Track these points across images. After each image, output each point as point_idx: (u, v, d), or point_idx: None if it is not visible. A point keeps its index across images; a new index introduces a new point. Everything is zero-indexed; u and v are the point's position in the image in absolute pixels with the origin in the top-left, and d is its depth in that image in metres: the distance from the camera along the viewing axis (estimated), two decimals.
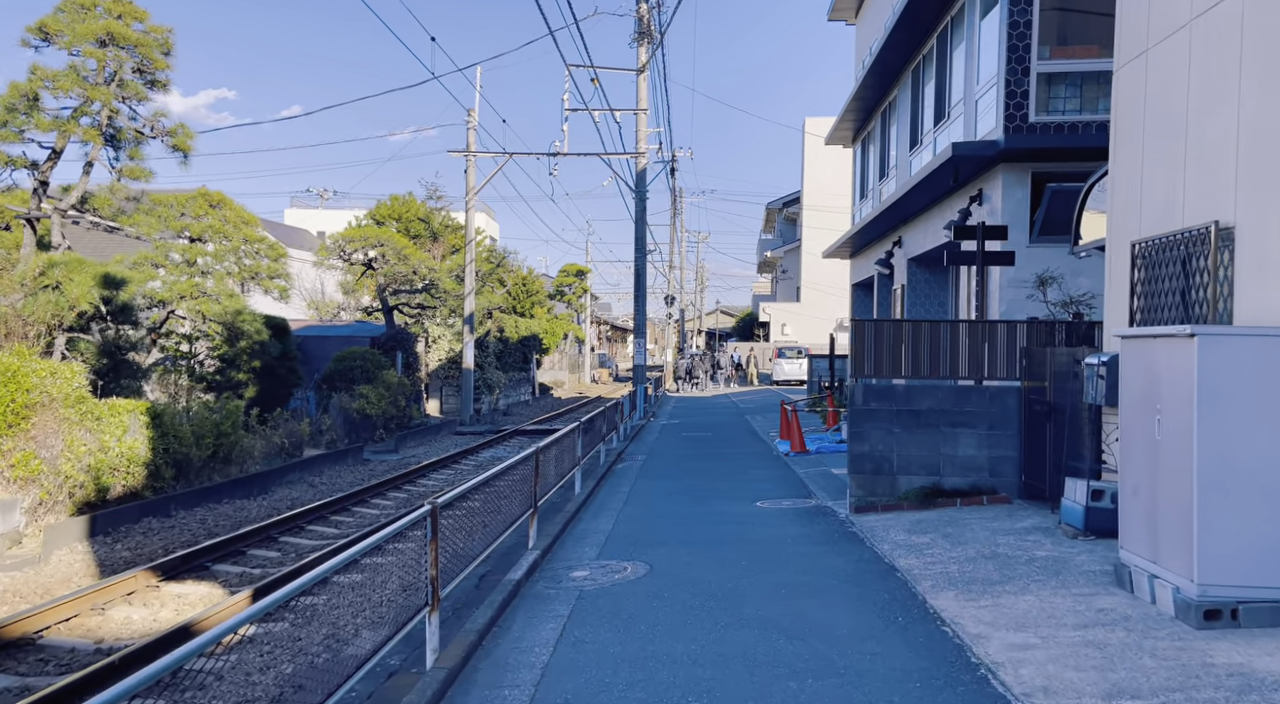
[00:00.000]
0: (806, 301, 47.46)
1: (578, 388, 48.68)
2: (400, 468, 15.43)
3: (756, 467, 13.50)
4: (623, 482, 12.26)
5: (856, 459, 9.27)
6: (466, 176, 24.62)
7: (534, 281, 37.81)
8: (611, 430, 15.95)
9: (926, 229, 15.53)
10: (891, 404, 9.20)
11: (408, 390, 21.17)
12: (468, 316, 24.44)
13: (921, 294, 16.92)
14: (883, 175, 19.53)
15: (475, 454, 17.66)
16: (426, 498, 12.28)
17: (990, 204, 11.90)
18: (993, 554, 6.85)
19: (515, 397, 32.88)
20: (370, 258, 23.35)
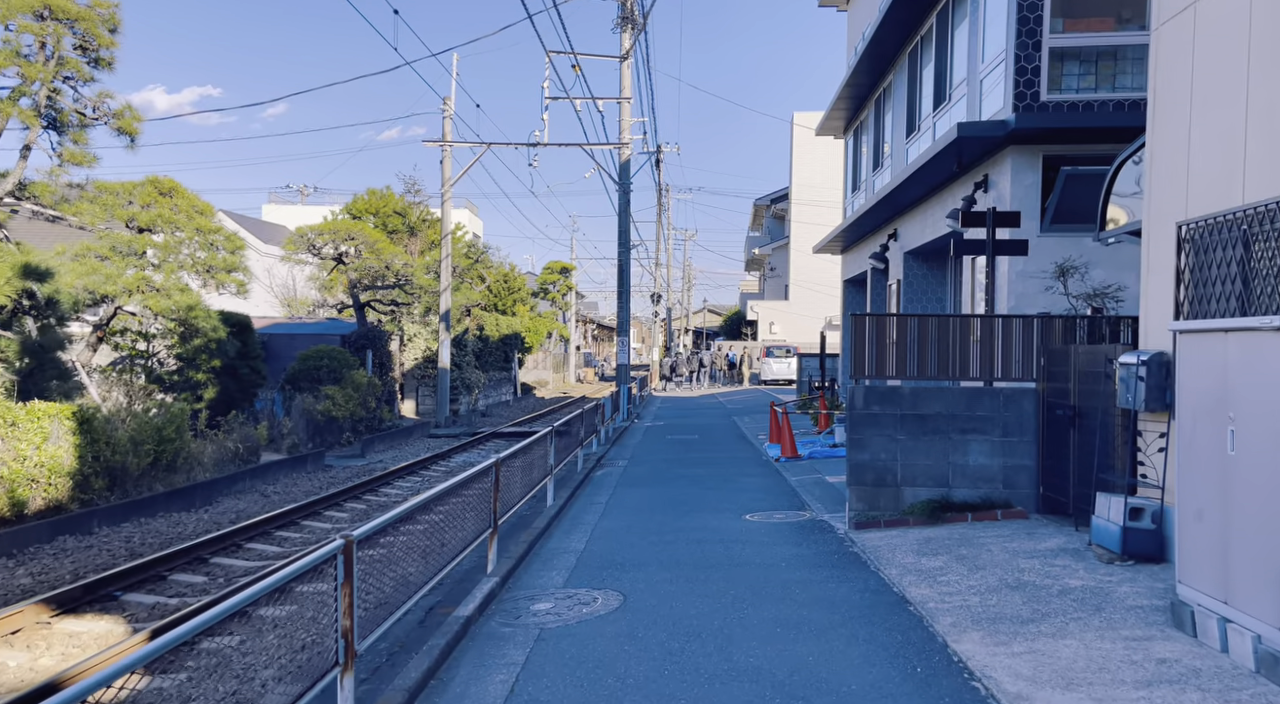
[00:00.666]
0: (795, 300, 46.62)
1: (562, 388, 47.67)
2: (363, 474, 14.43)
3: (745, 473, 12.58)
4: (600, 491, 11.32)
5: (856, 469, 8.35)
6: (442, 168, 23.60)
7: (516, 278, 36.77)
8: (591, 434, 15.01)
9: (925, 220, 14.66)
10: (895, 408, 8.29)
11: (378, 391, 20.14)
12: (443, 314, 23.41)
13: (918, 289, 16.05)
14: (876, 166, 18.67)
15: (447, 459, 16.67)
16: (385, 509, 11.34)
17: (997, 190, 11.02)
18: (1018, 583, 5.95)
19: (496, 397, 31.86)
20: (340, 252, 22.29)
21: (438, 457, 16.61)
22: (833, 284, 46.41)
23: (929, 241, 14.57)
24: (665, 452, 15.50)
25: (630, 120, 23.47)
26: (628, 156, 23.47)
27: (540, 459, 9.78)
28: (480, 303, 29.19)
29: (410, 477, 14.39)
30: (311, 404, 17.06)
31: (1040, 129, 10.10)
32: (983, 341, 8.28)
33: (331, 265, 23.26)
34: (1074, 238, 10.21)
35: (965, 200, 11.28)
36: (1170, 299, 6.03)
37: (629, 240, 23.72)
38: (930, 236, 14.32)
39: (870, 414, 8.33)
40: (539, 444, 9.67)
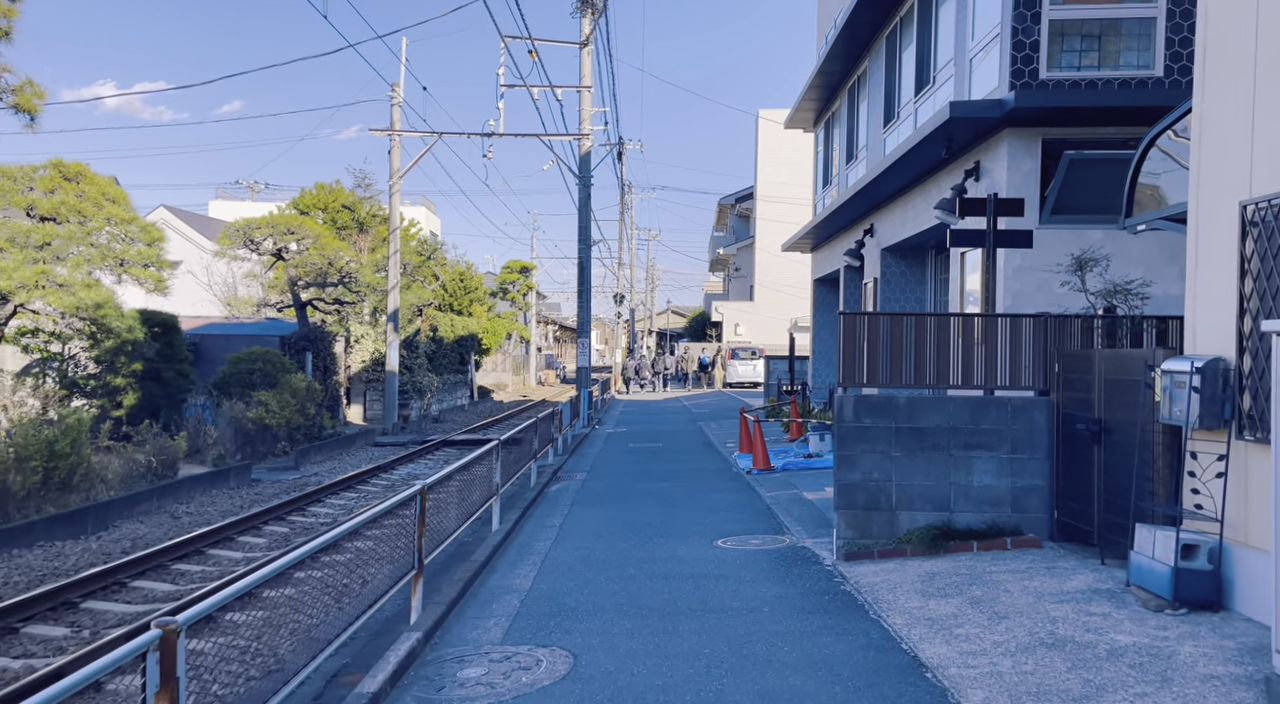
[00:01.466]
0: (760, 301, 45.79)
1: (522, 391, 46.30)
2: (294, 490, 13.06)
3: (715, 488, 11.47)
4: (555, 510, 10.13)
5: (845, 491, 7.28)
6: (390, 158, 22.21)
7: (472, 277, 35.35)
8: (546, 444, 13.81)
9: (905, 214, 13.70)
10: (890, 420, 7.23)
11: (319, 396, 18.72)
12: (391, 313, 22.02)
13: (896, 288, 15.11)
14: (850, 159, 17.72)
15: (390, 470, 15.34)
16: (309, 533, 10.02)
17: (990, 178, 10.05)
18: (1054, 638, 4.89)
19: (450, 401, 30.45)
20: (280, 247, 20.79)
21: (380, 468, 15.28)
22: (799, 285, 45.63)
23: (909, 237, 13.61)
24: (628, 463, 14.35)
25: (590, 110, 22.31)
26: (588, 148, 22.31)
27: (483, 478, 8.57)
28: (433, 302, 27.80)
29: (346, 492, 13.07)
30: (241, 411, 15.61)
31: (1041, 109, 9.13)
32: (987, 345, 7.26)
33: (271, 262, 21.74)
34: (1077, 230, 9.27)
35: (955, 189, 10.30)
36: (1229, 294, 5.03)
37: (590, 236, 22.56)
38: (911, 231, 13.36)
39: (861, 427, 7.26)
40: (481, 461, 8.47)
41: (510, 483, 10.33)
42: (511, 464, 10.25)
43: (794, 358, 22.17)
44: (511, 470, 10.26)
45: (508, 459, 9.79)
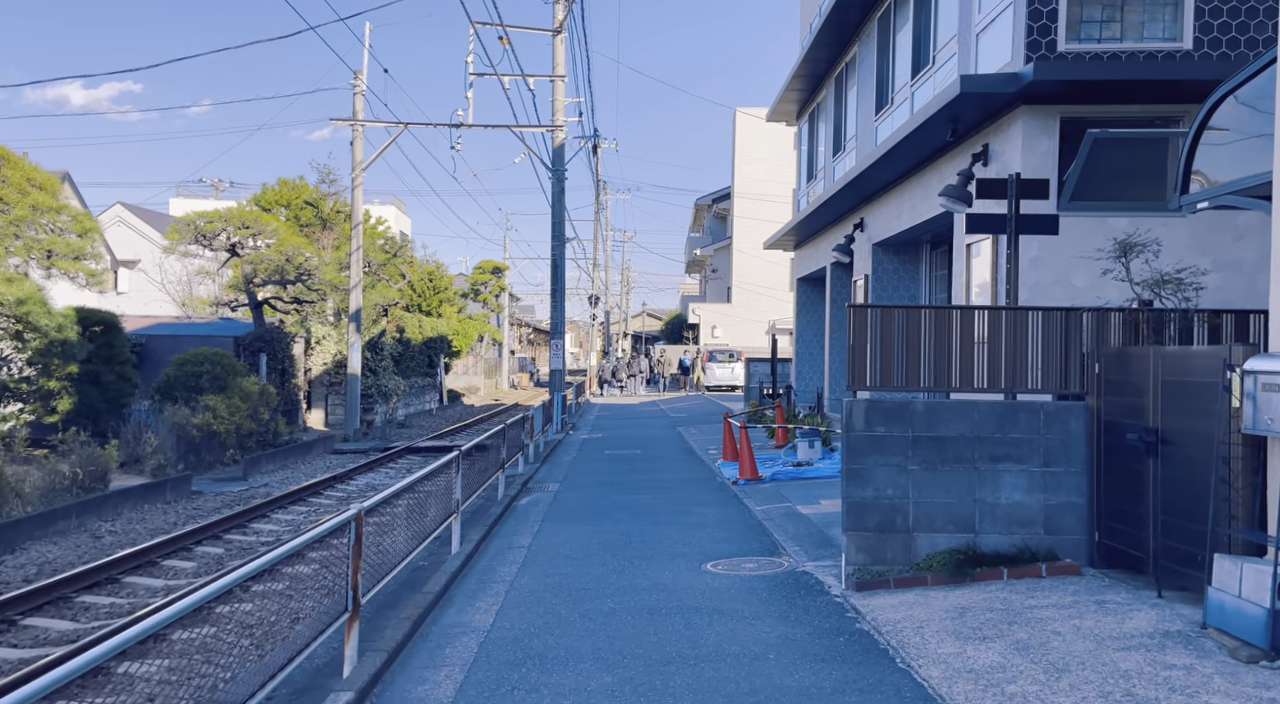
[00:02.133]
0: (738, 303, 45.00)
1: (494, 394, 45.12)
2: (238, 503, 11.93)
3: (700, 501, 10.52)
4: (524, 527, 9.12)
5: (856, 510, 6.34)
6: (353, 149, 21.06)
7: (442, 277, 34.16)
8: (516, 452, 12.78)
9: (899, 206, 12.86)
10: (906, 428, 6.32)
11: (273, 400, 17.53)
12: (353, 313, 20.86)
13: (889, 286, 14.26)
14: (837, 150, 16.89)
15: (347, 480, 14.23)
16: (247, 554, 8.87)
17: (1001, 162, 9.20)
18: (1131, 699, 3.98)
19: (418, 405, 29.25)
20: (234, 242, 19.55)
21: (337, 478, 14.16)
22: (777, 286, 44.90)
23: (905, 230, 12.77)
24: (604, 471, 13.35)
25: (564, 100, 21.32)
26: (562, 140, 21.31)
27: (441, 494, 7.55)
28: (399, 302, 26.62)
29: (296, 506, 11.95)
30: (185, 417, 14.41)
31: (1060, 84, 8.29)
32: (1015, 342, 6.37)
33: (225, 258, 20.49)
34: (1099, 217, 8.44)
35: (962, 175, 9.43)
36: None
37: (564, 233, 21.55)
38: (906, 224, 12.52)
39: (873, 437, 6.34)
40: (439, 475, 7.45)
41: (474, 497, 9.32)
42: (475, 476, 9.24)
43: (776, 360, 21.31)
44: (475, 484, 9.24)
45: (470, 472, 8.77)
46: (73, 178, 35.98)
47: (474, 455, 9.13)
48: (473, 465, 8.92)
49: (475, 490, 9.25)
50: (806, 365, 20.77)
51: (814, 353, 20.80)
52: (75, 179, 39.19)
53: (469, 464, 8.78)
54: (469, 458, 8.74)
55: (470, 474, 8.86)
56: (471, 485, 8.97)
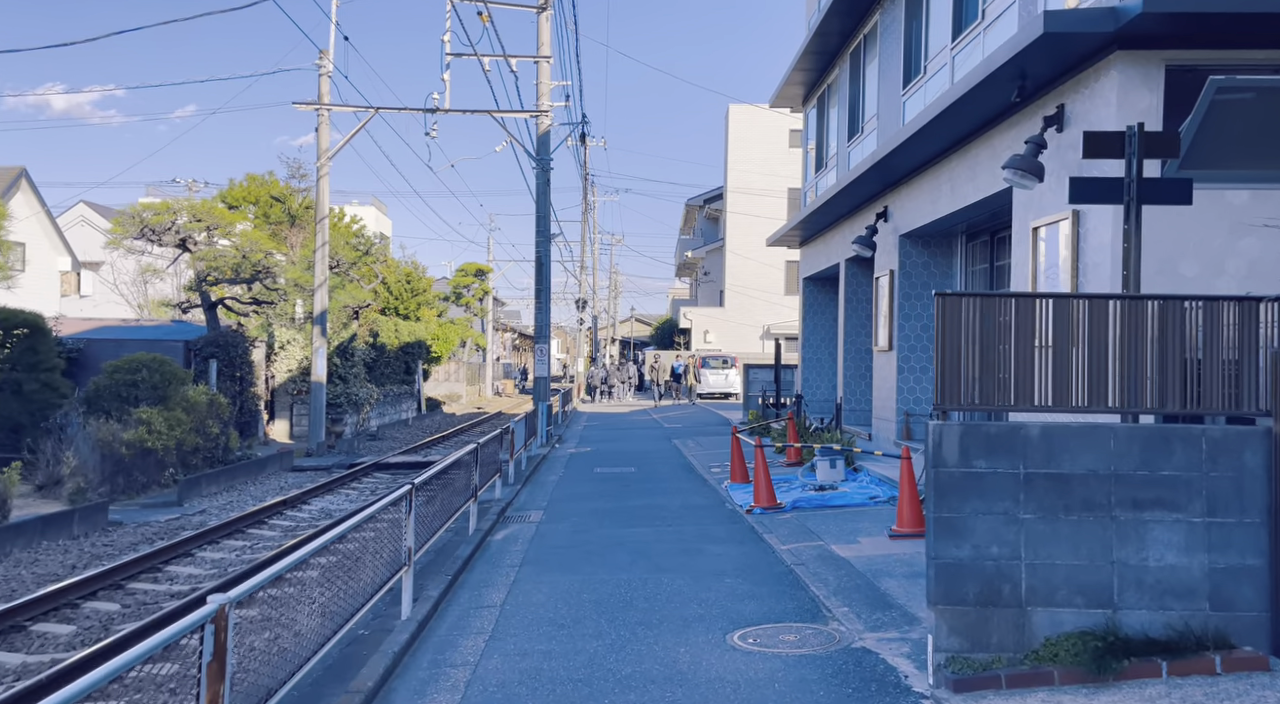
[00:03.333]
0: (731, 306, 43.34)
1: (476, 402, 43.26)
2: (162, 537, 10.09)
3: (711, 536, 8.76)
4: (496, 575, 7.34)
5: (949, 575, 4.61)
6: (318, 136, 19.23)
7: (420, 278, 32.29)
8: (493, 475, 11.00)
9: (935, 189, 11.18)
10: (1016, 463, 4.60)
11: (224, 412, 15.67)
12: (318, 315, 19.00)
13: (919, 283, 12.58)
14: (853, 134, 15.23)
15: (299, 505, 12.40)
16: (147, 612, 6.93)
17: (1081, 125, 7.50)
18: None
19: (393, 415, 27.39)
20: (183, 236, 17.68)
21: (289, 502, 12.33)
22: (772, 289, 43.27)
23: (941, 218, 11.09)
24: (595, 495, 11.58)
25: (550, 83, 19.59)
26: (547, 127, 19.56)
27: (386, 542, 5.77)
28: (371, 303, 24.77)
29: (232, 539, 10.12)
30: (112, 432, 12.54)
31: (1172, 19, 6.61)
32: (1163, 345, 4.66)
33: (176, 253, 18.60)
34: (1213, 189, 6.77)
35: (1031, 143, 7.75)
36: None
37: (549, 228, 19.79)
38: (945, 209, 10.83)
39: (971, 475, 4.61)
40: (381, 518, 5.67)
41: (438, 535, 7.54)
42: (437, 512, 7.45)
43: (780, 367, 19.60)
44: (439, 519, 7.45)
45: (429, 509, 6.98)
46: (30, 174, 33.99)
47: (434, 487, 7.35)
48: (431, 501, 7.14)
49: (438, 529, 7.47)
50: (814, 372, 19.08)
51: (822, 359, 19.12)
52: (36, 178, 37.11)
53: (427, 499, 7.00)
54: (426, 491, 6.96)
55: (429, 510, 7.08)
56: (431, 523, 7.19)
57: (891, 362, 12.67)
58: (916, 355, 12.48)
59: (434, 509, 7.33)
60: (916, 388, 12.46)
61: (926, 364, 12.48)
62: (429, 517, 7.09)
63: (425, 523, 6.91)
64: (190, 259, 18.24)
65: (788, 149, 43.33)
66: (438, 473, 7.55)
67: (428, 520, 7.04)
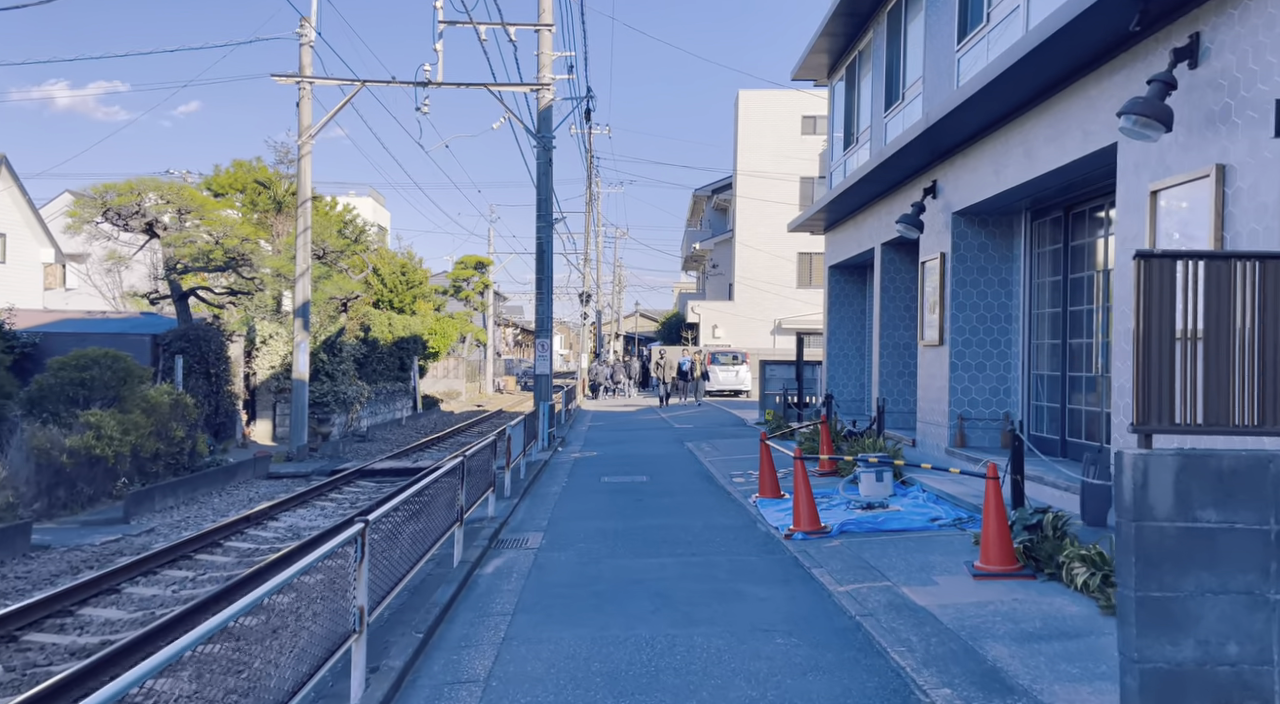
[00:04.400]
0: (741, 300, 41.70)
1: (476, 400, 41.73)
2: (91, 565, 8.53)
3: (748, 571, 7.17)
4: (480, 634, 5.76)
5: (1161, 685, 3.00)
6: (299, 112, 17.63)
7: (416, 269, 30.69)
8: (486, 489, 9.42)
9: (1003, 155, 9.57)
10: (1266, 514, 2.98)
11: (190, 413, 14.12)
12: (299, 307, 17.43)
13: (976, 267, 10.96)
14: (891, 103, 13.62)
15: (265, 522, 10.84)
16: (36, 681, 5.23)
17: (1227, 57, 5.89)
18: None
19: (386, 414, 25.84)
20: (149, 219, 16.10)
21: (253, 518, 10.78)
22: (784, 282, 41.60)
23: (1009, 189, 9.46)
24: (603, 512, 9.99)
25: (552, 54, 17.97)
26: (549, 102, 17.95)
27: (324, 608, 4.19)
28: (359, 295, 23.21)
29: (175, 568, 8.56)
30: (50, 439, 10.98)
31: None
32: None
33: (145, 239, 17.03)
34: None
35: (1158, 82, 6.13)
36: None
37: (551, 212, 18.19)
38: (1014, 180, 9.21)
39: (1195, 533, 3.02)
40: (316, 571, 4.09)
41: (410, 576, 5.96)
42: (408, 550, 5.86)
43: (802, 363, 18.01)
44: (405, 563, 5.85)
45: (391, 553, 5.39)
46: (10, 162, 32.47)
47: (405, 515, 5.77)
48: (396, 536, 5.55)
49: (407, 571, 5.89)
50: (840, 370, 17.48)
51: (848, 355, 17.53)
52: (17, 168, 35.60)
53: (391, 533, 5.42)
54: (390, 523, 5.38)
55: (396, 551, 5.50)
56: (398, 565, 5.61)
57: (943, 358, 11.08)
58: (972, 350, 10.88)
59: (403, 545, 5.76)
60: (972, 388, 10.86)
61: (984, 361, 10.88)
62: (395, 559, 5.51)
63: (388, 567, 5.33)
64: (160, 245, 16.68)
65: (800, 136, 41.65)
66: (410, 497, 5.97)
67: (393, 563, 5.47)
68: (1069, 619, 5.48)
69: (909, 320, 14.05)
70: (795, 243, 41.31)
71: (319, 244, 20.27)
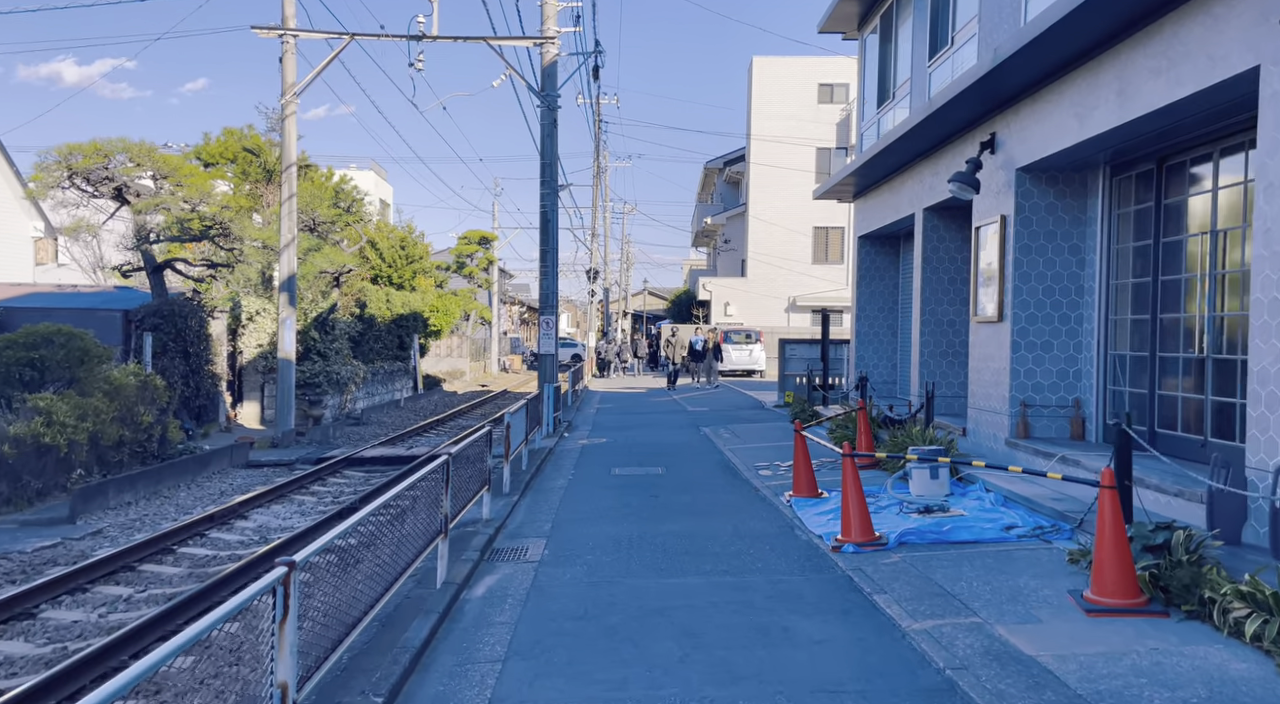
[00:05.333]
0: (754, 277, 40.21)
1: (480, 379, 40.49)
2: (17, 577, 7.27)
3: (794, 599, 5.83)
4: (461, 692, 4.46)
5: None
6: (282, 67, 16.21)
7: (416, 243, 29.29)
8: (481, 487, 8.10)
9: (1090, 96, 8.11)
10: None
11: (161, 396, 12.85)
12: (284, 281, 16.10)
13: (1044, 231, 9.53)
14: (937, 49, 12.13)
15: (231, 522, 9.58)
16: None
17: None
18: None
19: (384, 395, 24.58)
20: (119, 184, 14.76)
21: (217, 518, 9.52)
22: (798, 258, 40.05)
23: (1096, 137, 8.01)
24: (615, 513, 8.67)
25: (556, 4, 16.48)
26: (554, 57, 16.48)
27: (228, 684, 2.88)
28: (354, 269, 21.86)
29: (110, 584, 7.30)
30: None
31: None
32: None
33: (115, 206, 15.70)
34: None
35: None
36: None
37: (556, 178, 16.77)
38: (1101, 126, 7.76)
39: None
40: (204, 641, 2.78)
41: (373, 614, 4.65)
42: (362, 591, 4.55)
43: (828, 342, 16.63)
44: (357, 605, 4.53)
45: (338, 595, 4.07)
46: None
47: (354, 544, 4.46)
48: (348, 570, 4.24)
49: (371, 603, 4.59)
50: (870, 349, 16.09)
51: (879, 333, 16.14)
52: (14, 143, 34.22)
53: (339, 568, 4.10)
54: (323, 567, 4.06)
55: (346, 590, 4.19)
56: (350, 605, 4.30)
57: (1002, 336, 9.69)
58: (1037, 327, 9.49)
59: (362, 575, 4.45)
60: (1037, 370, 9.48)
61: (1050, 339, 9.49)
62: (349, 596, 4.20)
63: (337, 609, 4.03)
64: (131, 213, 15.34)
65: (817, 105, 39.94)
66: (373, 513, 4.66)
67: (345, 602, 4.16)
68: (1240, 683, 4.14)
69: (955, 294, 12.65)
70: (811, 216, 39.72)
71: (309, 214, 18.92)
